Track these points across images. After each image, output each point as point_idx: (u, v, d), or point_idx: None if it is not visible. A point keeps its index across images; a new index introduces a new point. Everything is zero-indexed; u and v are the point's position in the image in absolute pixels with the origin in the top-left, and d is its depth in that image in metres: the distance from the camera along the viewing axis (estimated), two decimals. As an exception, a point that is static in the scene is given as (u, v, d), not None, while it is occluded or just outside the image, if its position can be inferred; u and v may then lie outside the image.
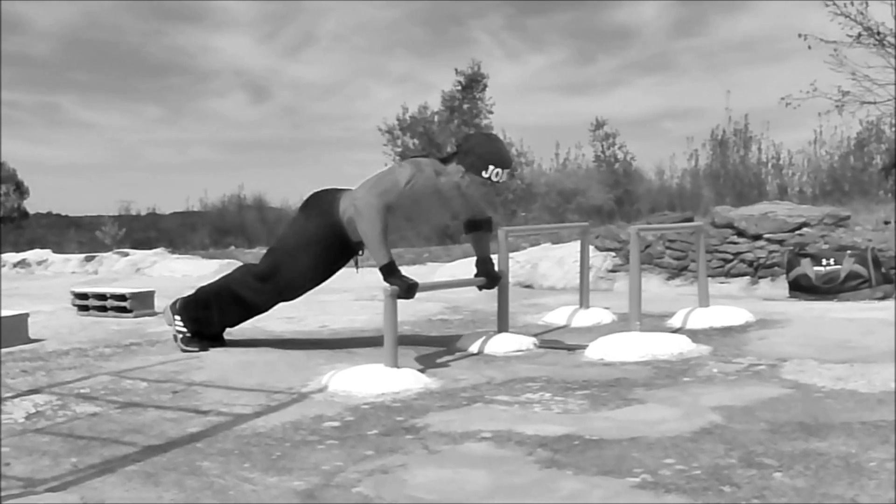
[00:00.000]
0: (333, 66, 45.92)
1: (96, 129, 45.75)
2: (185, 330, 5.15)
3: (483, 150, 4.69)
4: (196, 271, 11.09)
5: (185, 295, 5.32)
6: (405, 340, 4.91)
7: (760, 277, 7.50)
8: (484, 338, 4.87)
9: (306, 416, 3.41)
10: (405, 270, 7.38)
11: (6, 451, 3.02)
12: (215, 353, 4.98)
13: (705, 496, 2.30)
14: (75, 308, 7.16)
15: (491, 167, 4.61)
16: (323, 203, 4.89)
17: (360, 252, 4.87)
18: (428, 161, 4.81)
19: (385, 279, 4.49)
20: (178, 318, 5.18)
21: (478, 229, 5.10)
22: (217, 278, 5.36)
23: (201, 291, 5.19)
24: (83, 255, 12.90)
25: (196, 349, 5.08)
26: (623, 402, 3.47)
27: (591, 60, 40.99)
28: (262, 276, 4.99)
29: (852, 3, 14.12)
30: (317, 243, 4.83)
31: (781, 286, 7.14)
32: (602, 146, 19.83)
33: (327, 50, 44.70)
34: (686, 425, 3.04)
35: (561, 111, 39.23)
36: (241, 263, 11.29)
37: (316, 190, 5.05)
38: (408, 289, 4.44)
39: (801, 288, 6.86)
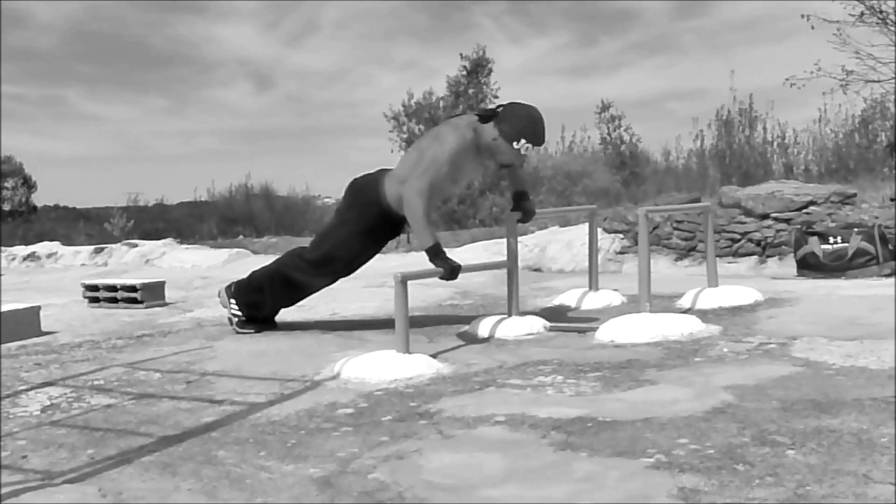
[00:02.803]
0: (337, 53, 45.93)
1: (102, 121, 45.84)
2: (239, 314, 5.38)
3: (521, 123, 4.84)
4: (205, 261, 11.11)
5: (238, 279, 5.53)
6: (416, 326, 4.93)
7: (768, 256, 7.49)
8: (495, 322, 4.88)
9: (320, 404, 3.43)
10: (413, 255, 7.42)
11: (23, 444, 3.04)
12: (228, 343, 5.01)
13: (719, 475, 2.31)
14: (86, 300, 7.19)
15: (523, 140, 4.80)
16: (367, 192, 5.10)
17: (408, 225, 5.07)
18: (467, 122, 4.98)
19: (430, 260, 4.72)
20: (233, 301, 5.40)
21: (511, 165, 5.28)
22: (267, 264, 5.59)
23: (254, 276, 5.43)
24: (92, 248, 12.92)
25: (251, 331, 5.32)
26: (635, 383, 3.48)
27: (594, 43, 40.93)
28: (316, 263, 5.23)
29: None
30: (367, 231, 5.11)
31: (789, 265, 7.13)
32: (608, 128, 19.76)
33: (330, 38, 44.69)
34: (698, 405, 3.05)
35: (566, 94, 39.11)
36: (248, 252, 11.35)
37: (355, 178, 5.24)
38: (451, 271, 4.68)
39: (809, 266, 6.86)
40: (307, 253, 5.33)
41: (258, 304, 5.38)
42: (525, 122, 4.86)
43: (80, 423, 3.33)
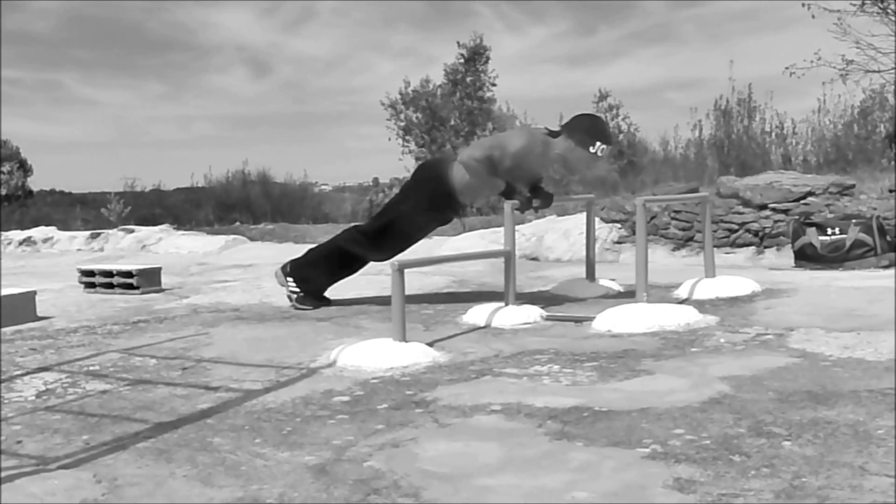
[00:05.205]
0: (334, 40, 45.89)
1: (99, 106, 45.79)
2: (298, 290, 5.65)
3: (590, 128, 5.34)
4: (202, 247, 11.09)
5: (295, 258, 5.82)
6: (412, 314, 4.92)
7: (766, 247, 7.50)
8: (491, 311, 4.88)
9: (316, 391, 3.42)
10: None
11: (18, 430, 3.03)
12: (224, 329, 5.00)
13: (715, 466, 2.31)
14: (82, 286, 7.18)
15: (598, 143, 5.25)
16: (435, 171, 5.54)
17: (464, 211, 5.55)
18: (541, 133, 5.40)
19: (507, 199, 5.29)
20: (290, 279, 5.68)
21: None
22: (324, 242, 5.98)
23: (311, 253, 5.81)
24: (89, 233, 12.90)
25: (309, 307, 5.59)
26: (631, 373, 3.48)
27: (593, 31, 40.91)
28: (374, 234, 5.56)
29: (855, -30, 14.00)
30: (429, 209, 5.48)
31: (787, 256, 7.13)
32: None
33: (328, 24, 44.63)
34: (695, 395, 3.05)
35: (564, 83, 39.14)
36: (245, 238, 11.35)
37: (425, 161, 5.63)
38: (527, 201, 5.31)
39: (807, 257, 6.86)
40: (365, 226, 5.71)
41: (311, 279, 5.66)
42: (594, 126, 5.33)
43: (76, 408, 3.32)
